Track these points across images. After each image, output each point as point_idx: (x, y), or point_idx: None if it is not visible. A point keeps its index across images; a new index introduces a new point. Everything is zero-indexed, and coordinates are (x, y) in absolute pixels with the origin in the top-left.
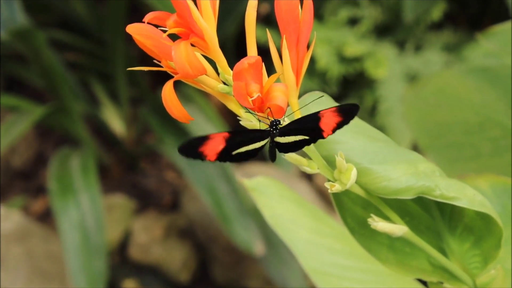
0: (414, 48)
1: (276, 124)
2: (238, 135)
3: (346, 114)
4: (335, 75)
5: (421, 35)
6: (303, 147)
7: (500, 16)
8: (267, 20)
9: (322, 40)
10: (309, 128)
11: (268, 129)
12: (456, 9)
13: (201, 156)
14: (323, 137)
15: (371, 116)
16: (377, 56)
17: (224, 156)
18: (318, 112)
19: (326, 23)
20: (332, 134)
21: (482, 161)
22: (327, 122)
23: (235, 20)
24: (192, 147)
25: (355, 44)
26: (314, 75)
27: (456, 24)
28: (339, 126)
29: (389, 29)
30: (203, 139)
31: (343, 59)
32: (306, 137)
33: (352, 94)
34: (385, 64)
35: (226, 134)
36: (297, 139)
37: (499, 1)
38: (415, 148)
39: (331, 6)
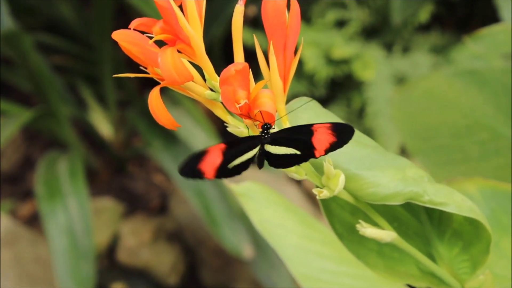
0: (401, 50)
1: (268, 128)
2: (233, 145)
3: (340, 135)
4: (323, 78)
5: (408, 37)
6: (294, 164)
7: (487, 18)
8: (255, 22)
9: (310, 43)
10: (301, 141)
11: (260, 134)
12: (443, 11)
13: (200, 175)
14: (314, 157)
15: (359, 119)
16: (365, 58)
17: (222, 171)
18: (312, 125)
19: (313, 25)
20: (324, 154)
21: (470, 164)
22: (321, 138)
23: (222, 24)
24: (191, 165)
25: (342, 46)
26: (302, 78)
27: (444, 26)
28: (333, 147)
29: (376, 31)
30: (201, 154)
31: (331, 61)
32: (298, 152)
33: (340, 96)
34: (373, 66)
35: (223, 146)
36: (288, 152)
37: (486, 3)
38: (403, 151)
39: (318, 8)
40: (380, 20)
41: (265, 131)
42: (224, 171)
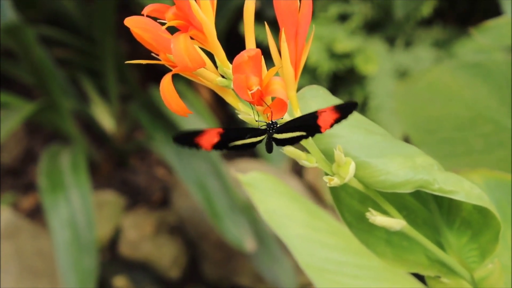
0: (404, 44)
1: (274, 126)
2: (232, 132)
3: (344, 110)
4: (325, 71)
5: (411, 31)
6: (300, 141)
7: (489, 13)
8: (259, 16)
9: (313, 36)
10: (306, 125)
11: (265, 128)
12: (445, 5)
13: (196, 146)
14: (320, 132)
15: (361, 113)
16: (367, 52)
17: (220, 147)
18: (316, 111)
19: (316, 19)
20: (329, 128)
21: (474, 156)
22: (325, 119)
23: (225, 17)
24: (188, 138)
25: (345, 40)
26: (305, 71)
27: (446, 20)
28: (337, 121)
29: (379, 25)
30: (198, 132)
31: (333, 55)
32: (303, 133)
33: (342, 90)
34: (375, 60)
35: (220, 130)
36: (295, 135)
37: None
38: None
39: (321, 2)
40: (383, 14)
41: (271, 128)
42: (223, 147)
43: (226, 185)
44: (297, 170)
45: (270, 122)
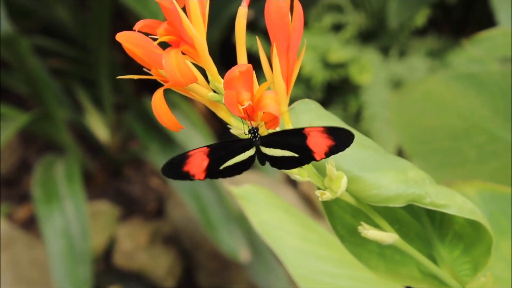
0: (398, 54)
1: (255, 132)
2: (219, 148)
3: (338, 138)
4: (319, 81)
5: (405, 41)
6: (296, 166)
7: (483, 22)
8: (252, 27)
9: (307, 47)
10: (295, 145)
11: (249, 137)
12: (439, 15)
13: (188, 176)
14: (315, 159)
15: (356, 122)
16: (362, 62)
17: (213, 172)
18: (303, 128)
19: (310, 29)
20: (325, 158)
21: (468, 167)
22: (317, 142)
23: (219, 27)
24: (175, 168)
25: (339, 50)
26: (299, 82)
27: (440, 30)
28: (332, 151)
29: (373, 35)
30: (183, 157)
31: (327, 65)
32: (295, 155)
33: (337, 100)
34: (369, 70)
35: (206, 149)
36: (286, 155)
37: (482, 7)
38: (400, 154)
39: (315, 12)
40: (377, 24)
41: (254, 134)
42: (216, 172)
43: (221, 195)
44: (292, 180)
45: (251, 127)
